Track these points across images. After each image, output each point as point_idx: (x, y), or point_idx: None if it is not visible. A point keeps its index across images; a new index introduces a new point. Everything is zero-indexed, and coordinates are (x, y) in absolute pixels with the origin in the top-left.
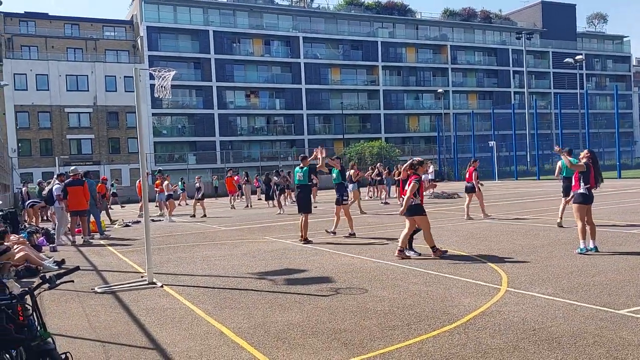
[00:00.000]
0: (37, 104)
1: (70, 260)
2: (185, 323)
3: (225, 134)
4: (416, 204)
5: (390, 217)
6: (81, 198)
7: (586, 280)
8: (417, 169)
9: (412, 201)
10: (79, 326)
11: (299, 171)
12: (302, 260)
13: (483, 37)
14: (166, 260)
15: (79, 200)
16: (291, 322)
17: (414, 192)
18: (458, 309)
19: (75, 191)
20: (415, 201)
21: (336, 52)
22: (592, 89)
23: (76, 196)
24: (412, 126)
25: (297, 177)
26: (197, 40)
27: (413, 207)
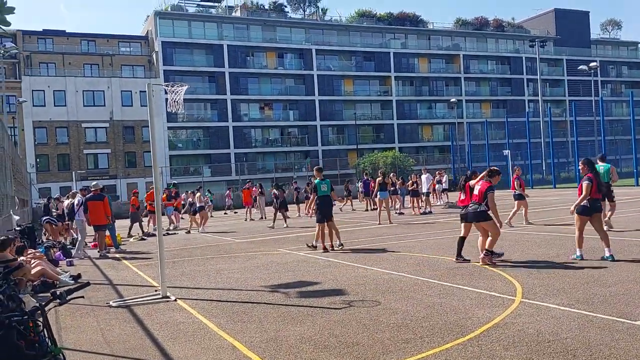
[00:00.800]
0: (55, 119)
1: (87, 274)
2: (198, 337)
3: (239, 146)
4: (482, 210)
5: (403, 228)
6: (101, 213)
7: (602, 290)
8: (493, 177)
9: (479, 208)
10: (93, 340)
11: (324, 183)
12: (316, 273)
13: (496, 46)
14: (180, 273)
15: (99, 215)
16: (303, 335)
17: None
18: (472, 321)
19: (95, 206)
20: (481, 207)
21: (349, 64)
22: (607, 96)
23: (96, 211)
24: (426, 136)
25: (321, 189)
26: (212, 54)
27: (479, 214)
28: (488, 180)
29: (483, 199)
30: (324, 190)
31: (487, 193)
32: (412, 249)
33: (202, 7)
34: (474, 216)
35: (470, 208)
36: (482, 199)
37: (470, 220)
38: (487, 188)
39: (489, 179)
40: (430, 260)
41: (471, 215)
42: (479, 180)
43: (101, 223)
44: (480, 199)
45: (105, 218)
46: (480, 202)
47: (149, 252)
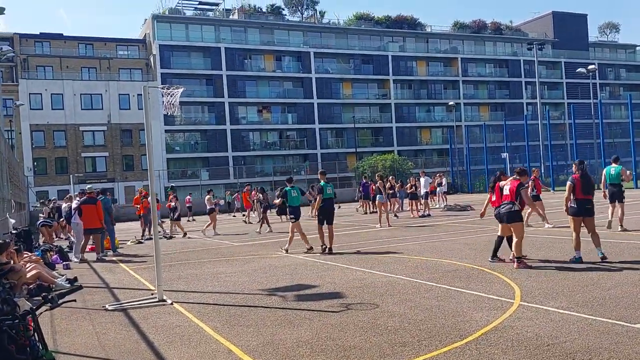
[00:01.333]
0: (53, 122)
1: (83, 277)
2: (194, 341)
3: (237, 149)
4: (516, 210)
5: (402, 231)
6: (94, 217)
7: (601, 293)
8: (522, 176)
9: (513, 207)
10: (88, 344)
11: (329, 186)
12: (314, 276)
13: (494, 49)
14: (177, 277)
15: (92, 219)
16: (300, 339)
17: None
18: (470, 324)
19: (88, 209)
20: (515, 207)
21: (347, 67)
22: (606, 99)
23: (89, 215)
24: (424, 139)
25: (327, 191)
26: (209, 57)
27: (514, 213)
28: (517, 179)
29: (516, 197)
30: (329, 193)
31: (520, 190)
32: (411, 252)
33: (199, 10)
34: (509, 217)
35: (503, 208)
36: (514, 197)
37: (507, 221)
38: (518, 185)
39: (518, 177)
40: (429, 263)
41: (506, 216)
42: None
43: (94, 227)
44: (513, 198)
45: (99, 222)
46: (513, 201)
47: (146, 256)
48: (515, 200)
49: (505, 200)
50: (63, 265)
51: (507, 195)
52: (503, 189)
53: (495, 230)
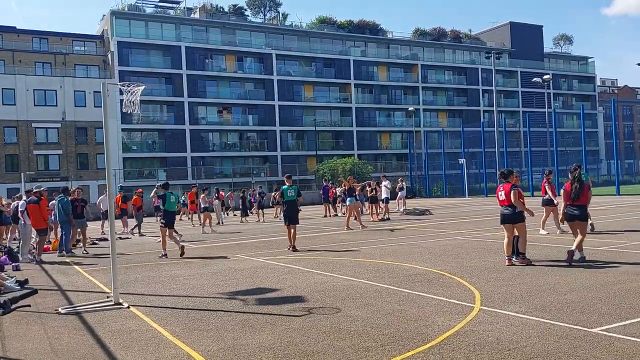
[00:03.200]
0: (3, 118)
1: (35, 280)
2: (152, 346)
3: (196, 149)
4: (520, 211)
5: (362, 234)
6: (38, 216)
7: (558, 298)
8: (509, 178)
9: (515, 210)
10: (40, 350)
11: (291, 189)
12: (275, 279)
13: (453, 57)
14: (133, 279)
15: (36, 219)
16: (263, 344)
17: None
18: (432, 328)
19: (33, 209)
20: (517, 209)
21: (309, 70)
22: (559, 108)
23: (34, 214)
24: (384, 143)
25: (288, 194)
26: (169, 55)
27: (518, 214)
28: (508, 182)
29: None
30: (291, 196)
31: (513, 191)
32: (371, 256)
33: (160, 7)
34: (513, 218)
35: (506, 211)
36: (511, 201)
37: (512, 222)
38: (512, 187)
39: (506, 181)
40: (390, 267)
41: (510, 218)
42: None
43: (41, 227)
44: (510, 201)
45: (44, 221)
46: (512, 205)
47: (99, 257)
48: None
49: (504, 205)
50: (12, 266)
51: (504, 200)
52: (498, 193)
53: (452, 234)
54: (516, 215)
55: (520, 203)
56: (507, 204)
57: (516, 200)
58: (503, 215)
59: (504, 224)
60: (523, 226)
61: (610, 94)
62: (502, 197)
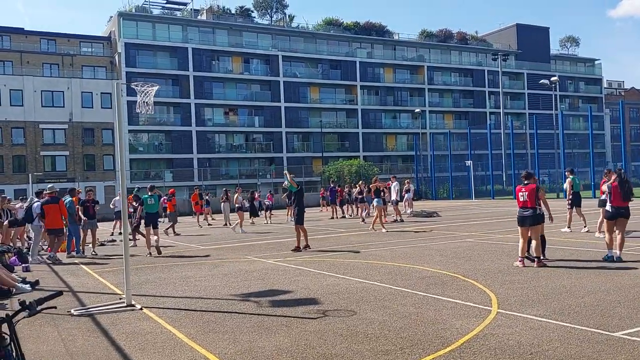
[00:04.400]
0: (11, 119)
1: (45, 280)
2: (168, 348)
3: (203, 151)
4: (540, 213)
5: (372, 236)
6: (57, 216)
7: (576, 301)
8: (531, 179)
9: (536, 211)
10: (54, 352)
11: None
12: (286, 281)
13: (459, 58)
14: (144, 281)
15: (55, 219)
16: (279, 347)
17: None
18: (451, 331)
19: (51, 209)
20: (538, 211)
21: (315, 71)
22: (565, 110)
23: (52, 215)
24: (390, 145)
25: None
26: (176, 57)
27: (539, 216)
28: (532, 184)
29: (536, 201)
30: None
31: (541, 190)
32: (383, 258)
33: (167, 9)
34: (533, 220)
35: (527, 212)
36: (535, 202)
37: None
38: (536, 189)
39: (528, 182)
40: (402, 269)
41: (530, 219)
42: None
43: (57, 227)
44: (533, 203)
45: (62, 221)
46: (534, 206)
47: (109, 258)
48: (536, 204)
49: (524, 206)
50: (22, 267)
51: (526, 201)
52: (519, 194)
53: (462, 236)
54: (537, 217)
55: (547, 204)
56: (529, 205)
57: (544, 200)
58: (523, 217)
59: (522, 226)
60: (540, 228)
61: (617, 96)
62: (524, 198)
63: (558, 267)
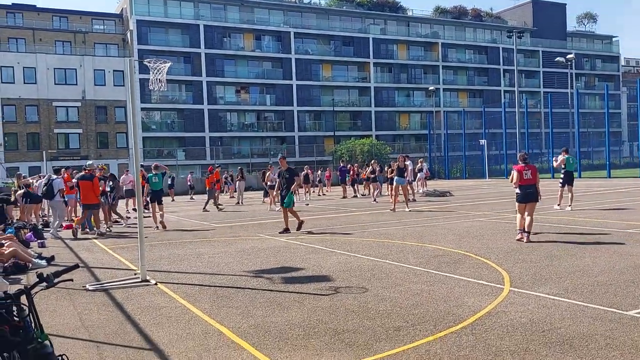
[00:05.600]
0: (25, 97)
1: (60, 256)
2: (182, 322)
3: (214, 129)
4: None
5: (383, 215)
6: (90, 192)
7: (589, 280)
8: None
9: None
10: (70, 325)
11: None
12: (298, 259)
13: (474, 35)
14: (158, 257)
15: (88, 195)
16: (292, 322)
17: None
18: (462, 309)
19: (85, 185)
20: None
21: (327, 48)
22: (581, 89)
23: (85, 190)
24: (403, 124)
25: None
26: (188, 34)
27: (537, 194)
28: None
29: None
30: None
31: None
32: (395, 236)
33: None
34: (535, 197)
35: (531, 190)
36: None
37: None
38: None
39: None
40: (414, 248)
41: (533, 196)
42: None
43: (91, 202)
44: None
45: (96, 197)
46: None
47: (123, 235)
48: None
49: (529, 184)
50: (38, 243)
51: (531, 179)
52: (523, 172)
53: (475, 215)
54: (536, 195)
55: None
56: (533, 183)
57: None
58: (528, 193)
59: (526, 202)
60: (534, 205)
61: (634, 74)
62: (529, 176)
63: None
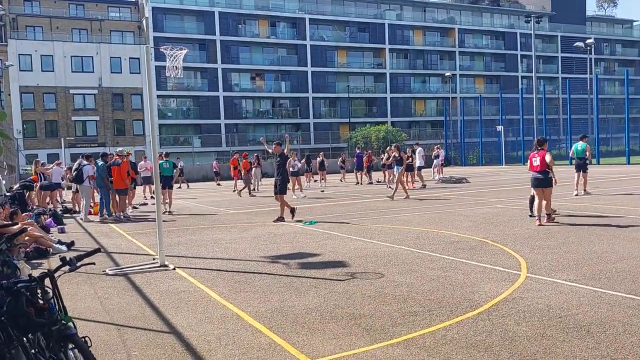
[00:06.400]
0: (42, 85)
1: (79, 242)
2: (201, 306)
3: (230, 116)
4: (550, 176)
5: (398, 202)
6: (120, 178)
7: (607, 267)
8: (543, 145)
9: (547, 175)
10: (91, 309)
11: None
12: (314, 244)
13: (491, 21)
14: (176, 242)
15: (117, 180)
16: (309, 306)
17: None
18: (479, 295)
19: (117, 171)
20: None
21: (343, 34)
22: (600, 74)
23: (116, 175)
24: (419, 110)
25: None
26: (203, 21)
27: (549, 180)
28: (543, 149)
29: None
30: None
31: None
32: (410, 223)
33: None
34: (545, 182)
35: (540, 176)
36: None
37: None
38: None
39: (541, 148)
40: (430, 234)
41: (542, 182)
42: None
43: (120, 187)
44: (544, 166)
45: (125, 182)
46: (546, 170)
47: (140, 221)
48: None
49: (537, 170)
50: (58, 229)
51: (538, 166)
52: (532, 159)
53: (491, 202)
54: (547, 181)
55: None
56: (540, 169)
57: (552, 163)
58: (536, 179)
59: (536, 188)
60: (550, 190)
61: None
62: (537, 162)
63: (589, 237)
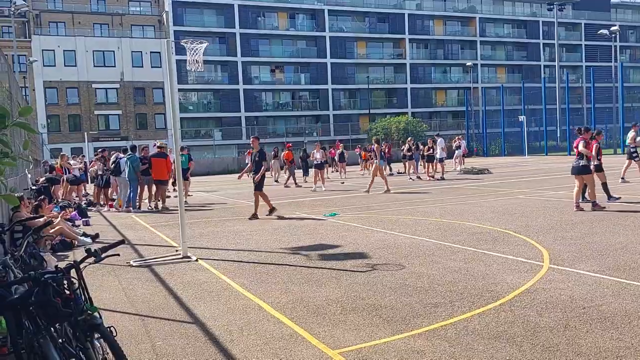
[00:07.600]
0: (65, 80)
1: (104, 234)
2: (224, 297)
3: (250, 109)
4: (584, 164)
5: (419, 194)
6: (163, 169)
7: (632, 257)
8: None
9: (581, 162)
10: (116, 299)
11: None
12: (335, 236)
13: (512, 9)
14: (198, 234)
15: (161, 171)
16: (330, 297)
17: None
18: (501, 286)
19: (158, 162)
20: (583, 162)
21: (362, 25)
22: (626, 62)
23: (159, 167)
24: (440, 101)
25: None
26: (222, 14)
27: (582, 167)
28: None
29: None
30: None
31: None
32: (431, 214)
33: None
34: (580, 170)
35: (575, 163)
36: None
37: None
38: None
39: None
40: (451, 226)
41: (575, 169)
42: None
43: (163, 178)
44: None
45: (167, 174)
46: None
47: (163, 213)
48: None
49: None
50: (82, 221)
51: (576, 153)
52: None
53: (514, 193)
54: (580, 168)
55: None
56: (577, 156)
57: (585, 151)
58: (572, 166)
59: (573, 175)
60: (590, 177)
61: None
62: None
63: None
